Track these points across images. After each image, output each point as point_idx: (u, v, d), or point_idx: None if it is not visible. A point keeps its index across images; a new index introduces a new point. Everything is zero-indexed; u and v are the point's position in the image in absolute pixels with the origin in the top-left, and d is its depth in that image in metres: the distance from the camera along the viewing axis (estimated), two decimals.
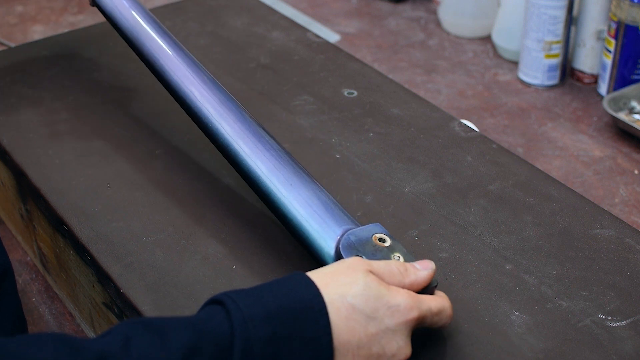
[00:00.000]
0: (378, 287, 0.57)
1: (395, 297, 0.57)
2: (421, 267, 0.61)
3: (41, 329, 0.87)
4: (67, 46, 1.06)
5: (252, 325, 0.53)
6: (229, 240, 0.74)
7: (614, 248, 0.73)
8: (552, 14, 1.19)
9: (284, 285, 0.57)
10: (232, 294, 0.56)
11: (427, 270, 0.61)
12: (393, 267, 0.60)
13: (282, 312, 0.54)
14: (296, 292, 0.56)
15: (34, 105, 0.94)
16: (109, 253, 0.73)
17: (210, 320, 0.54)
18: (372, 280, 0.57)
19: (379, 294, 0.57)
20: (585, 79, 1.26)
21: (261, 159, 0.71)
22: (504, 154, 0.85)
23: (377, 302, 0.57)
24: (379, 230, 0.66)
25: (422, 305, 0.58)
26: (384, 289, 0.57)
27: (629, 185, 1.05)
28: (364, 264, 0.59)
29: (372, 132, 0.89)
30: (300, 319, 0.55)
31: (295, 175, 0.70)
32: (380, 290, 0.57)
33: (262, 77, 0.99)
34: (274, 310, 0.54)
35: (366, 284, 0.57)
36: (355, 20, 1.48)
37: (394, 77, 1.26)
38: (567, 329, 0.65)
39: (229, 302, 0.55)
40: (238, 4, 1.17)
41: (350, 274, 0.58)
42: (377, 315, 0.56)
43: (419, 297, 0.59)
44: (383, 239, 0.65)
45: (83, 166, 0.84)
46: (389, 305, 0.57)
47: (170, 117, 0.92)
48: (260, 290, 0.57)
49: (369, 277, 0.58)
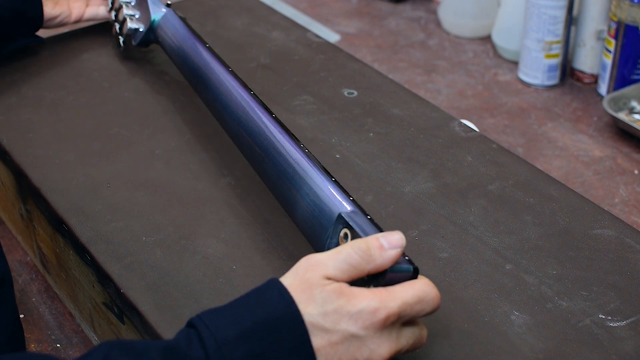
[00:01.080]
0: (336, 299, 0.55)
1: (355, 304, 0.55)
2: (388, 245, 0.56)
3: (41, 329, 0.87)
4: (67, 46, 1.06)
5: (226, 349, 0.53)
6: (229, 240, 0.74)
7: (614, 248, 0.73)
8: (552, 14, 1.19)
9: (258, 297, 0.56)
10: (206, 316, 0.55)
11: (394, 250, 0.56)
12: (353, 256, 0.56)
13: (256, 328, 0.54)
14: (270, 304, 0.55)
15: (34, 105, 0.94)
16: (109, 253, 0.73)
17: (186, 346, 0.54)
18: (328, 293, 0.55)
19: (337, 306, 0.55)
20: (585, 79, 1.26)
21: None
22: (504, 154, 0.85)
23: (336, 315, 0.55)
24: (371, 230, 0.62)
25: (391, 302, 0.55)
26: (342, 300, 0.55)
27: (629, 185, 1.05)
28: (319, 271, 0.56)
29: (372, 132, 0.89)
30: (277, 332, 0.54)
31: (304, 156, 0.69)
32: (339, 302, 0.55)
33: (262, 77, 0.99)
34: (247, 327, 0.53)
35: (323, 299, 0.55)
36: (355, 20, 1.48)
37: (394, 77, 1.26)
38: (567, 329, 0.65)
39: (201, 327, 0.54)
40: (238, 4, 1.17)
41: (305, 290, 0.55)
42: (339, 327, 0.54)
43: (387, 294, 0.55)
44: (346, 234, 0.62)
45: (83, 166, 0.84)
46: (350, 314, 0.55)
47: (171, 117, 0.92)
48: (234, 306, 0.55)
49: (325, 289, 0.55)
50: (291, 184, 0.68)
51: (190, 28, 0.92)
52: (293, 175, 0.68)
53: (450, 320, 0.65)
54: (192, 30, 0.91)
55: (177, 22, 0.93)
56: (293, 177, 0.68)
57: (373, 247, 0.56)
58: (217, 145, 0.86)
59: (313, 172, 0.67)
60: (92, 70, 1.01)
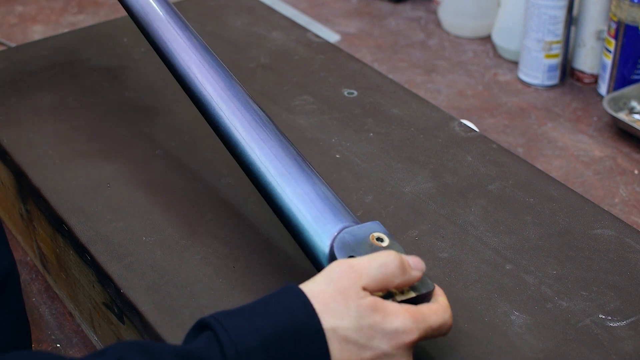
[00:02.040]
0: (372, 315, 0.54)
1: (392, 322, 0.54)
2: (415, 267, 0.57)
3: (41, 329, 0.87)
4: (67, 46, 1.06)
5: (247, 359, 0.52)
6: (229, 240, 0.74)
7: (614, 248, 0.73)
8: (552, 14, 1.19)
9: (278, 305, 0.54)
10: (224, 319, 0.54)
11: (419, 272, 0.57)
12: (389, 266, 0.56)
13: (277, 338, 0.52)
14: (291, 315, 0.53)
15: (34, 105, 0.94)
16: (109, 253, 0.73)
17: (204, 352, 0.52)
18: (365, 308, 0.54)
19: (373, 322, 0.54)
20: (585, 79, 1.26)
21: (260, 146, 0.68)
22: (504, 154, 0.85)
23: (371, 331, 0.54)
24: (378, 228, 0.62)
25: (421, 325, 0.55)
26: (379, 316, 0.54)
27: (629, 185, 1.05)
28: (354, 279, 0.55)
29: (372, 132, 0.89)
30: (297, 343, 0.53)
31: (296, 167, 0.67)
32: (375, 318, 0.54)
33: (262, 77, 0.99)
34: (269, 336, 0.52)
35: (359, 314, 0.54)
36: (355, 20, 1.48)
37: (394, 77, 1.26)
38: (567, 329, 0.65)
39: (220, 331, 0.53)
40: (238, 4, 1.17)
41: (341, 302, 0.54)
42: (372, 344, 0.54)
43: (419, 316, 0.56)
44: (381, 239, 0.62)
45: (83, 166, 0.84)
46: (385, 332, 0.54)
47: (170, 117, 0.92)
48: (253, 311, 0.54)
49: (362, 304, 0.54)
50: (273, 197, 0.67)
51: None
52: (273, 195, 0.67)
53: None
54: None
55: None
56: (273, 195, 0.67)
57: (407, 262, 0.57)
58: (217, 145, 0.86)
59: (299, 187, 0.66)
60: (92, 70, 1.01)
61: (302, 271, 0.70)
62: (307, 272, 0.70)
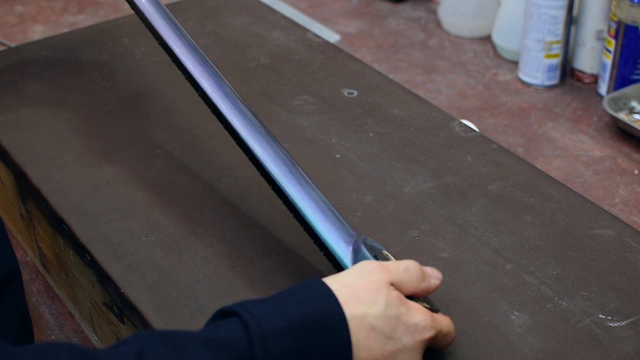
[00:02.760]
0: (398, 306, 0.57)
1: (414, 316, 0.57)
2: (433, 276, 0.61)
3: (41, 329, 0.87)
4: (67, 46, 1.06)
5: (273, 340, 0.52)
6: (229, 240, 0.74)
7: (614, 248, 0.73)
8: (552, 14, 1.19)
9: (303, 294, 0.56)
10: (249, 305, 0.55)
11: (438, 280, 0.61)
12: (413, 271, 0.60)
13: (303, 324, 0.53)
14: (317, 303, 0.55)
15: (34, 105, 0.94)
16: (109, 253, 0.73)
17: (228, 335, 0.53)
18: (393, 298, 0.57)
19: (398, 313, 0.57)
20: (585, 79, 1.26)
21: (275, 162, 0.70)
22: (504, 154, 0.85)
23: (396, 322, 0.56)
24: (385, 249, 0.66)
25: (436, 325, 0.59)
26: (403, 308, 0.57)
27: (629, 185, 1.04)
28: (385, 275, 0.58)
29: (372, 132, 0.89)
30: (321, 332, 0.54)
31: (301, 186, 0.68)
32: (400, 309, 0.57)
33: (262, 77, 0.99)
34: (294, 322, 0.53)
35: (387, 303, 0.56)
36: (355, 20, 1.48)
37: (394, 77, 1.26)
38: (567, 329, 0.65)
39: (247, 316, 0.53)
40: (238, 4, 1.17)
41: (372, 291, 0.57)
42: (395, 335, 0.56)
43: (435, 317, 0.59)
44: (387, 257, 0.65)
45: (83, 166, 0.84)
46: (407, 324, 0.57)
47: (170, 117, 0.92)
48: (278, 300, 0.55)
49: (391, 294, 0.57)
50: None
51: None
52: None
53: None
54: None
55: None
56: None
57: (427, 271, 0.61)
58: (217, 145, 0.86)
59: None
60: (92, 70, 1.01)
61: (302, 271, 0.70)
62: (307, 272, 0.70)
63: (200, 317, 0.66)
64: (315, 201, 0.66)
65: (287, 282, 0.69)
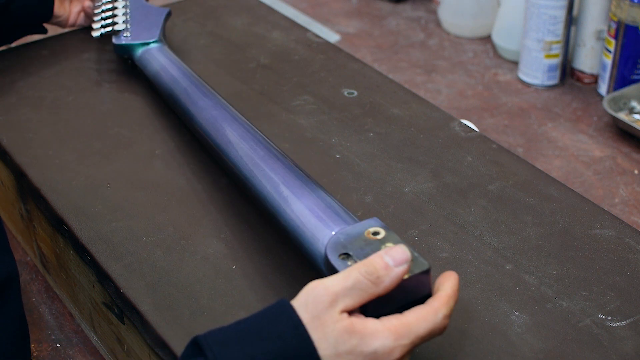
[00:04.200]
0: (349, 339, 0.52)
1: (370, 344, 0.52)
2: (393, 262, 0.54)
3: (41, 329, 0.87)
4: (67, 46, 1.06)
5: None
6: (229, 240, 0.74)
7: (614, 248, 0.73)
8: (552, 14, 1.19)
9: (270, 326, 0.53)
10: (215, 342, 0.53)
11: (401, 266, 0.54)
12: (362, 281, 0.54)
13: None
14: (285, 339, 0.52)
15: (34, 105, 0.94)
16: (109, 253, 0.73)
17: None
18: (340, 333, 0.52)
19: (350, 347, 0.52)
20: (585, 79, 1.26)
21: (256, 154, 0.71)
22: (504, 154, 0.85)
23: (350, 356, 0.52)
24: (374, 224, 0.61)
25: (405, 340, 0.53)
26: (355, 339, 0.52)
27: (629, 185, 1.05)
28: (329, 302, 0.53)
29: (372, 132, 0.89)
30: None
31: (293, 177, 0.68)
32: (352, 342, 0.52)
33: (262, 77, 0.99)
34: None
35: (335, 340, 0.52)
36: (355, 20, 1.48)
37: (394, 77, 1.26)
38: (567, 329, 0.65)
39: (210, 356, 0.52)
40: (238, 4, 1.17)
41: (318, 328, 0.53)
42: None
43: (402, 331, 0.53)
44: (377, 232, 0.60)
45: (83, 166, 0.84)
46: (364, 354, 0.52)
47: (170, 117, 0.92)
48: (246, 334, 0.53)
49: (338, 328, 0.53)
50: (272, 210, 0.68)
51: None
52: (272, 201, 0.68)
53: (450, 320, 0.65)
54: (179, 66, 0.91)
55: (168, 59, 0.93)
56: (272, 202, 0.68)
57: (380, 268, 0.54)
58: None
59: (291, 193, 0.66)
60: (92, 70, 1.01)
61: (302, 271, 0.70)
62: (307, 272, 0.70)
63: (201, 317, 0.66)
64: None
65: (287, 282, 0.69)
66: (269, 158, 0.71)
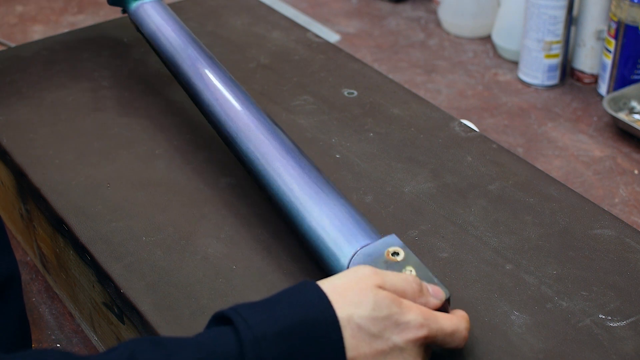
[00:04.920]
0: (388, 305, 0.56)
1: (405, 314, 0.56)
2: (433, 295, 0.60)
3: (41, 329, 0.87)
4: (67, 46, 1.06)
5: (265, 344, 0.52)
6: (229, 240, 0.74)
7: (614, 248, 0.73)
8: (552, 14, 1.19)
9: (295, 297, 0.56)
10: (242, 309, 0.55)
11: (437, 300, 0.60)
12: (409, 283, 0.59)
13: (294, 328, 0.53)
14: (309, 306, 0.55)
15: (34, 105, 0.94)
16: (109, 253, 0.73)
17: (218, 340, 0.53)
18: (382, 298, 0.56)
19: (388, 313, 0.56)
20: (585, 79, 1.26)
21: (283, 165, 0.70)
22: (504, 154, 0.85)
23: (385, 321, 0.55)
24: (393, 242, 0.64)
25: (433, 324, 0.57)
26: (395, 306, 0.56)
27: (629, 185, 1.05)
28: (375, 278, 0.57)
29: (372, 132, 0.89)
30: (313, 335, 0.54)
31: (314, 187, 0.68)
32: (391, 308, 0.56)
33: (262, 77, 0.99)
34: (286, 326, 0.53)
35: (375, 303, 0.56)
36: (355, 20, 1.48)
37: (394, 77, 1.26)
38: (567, 329, 0.65)
39: (238, 320, 0.54)
40: (238, 4, 1.17)
41: (359, 292, 0.56)
42: (384, 334, 0.55)
43: (432, 315, 0.58)
44: (396, 252, 0.63)
45: (83, 166, 0.84)
46: (397, 323, 0.56)
47: (170, 117, 0.92)
48: (271, 304, 0.55)
49: (379, 294, 0.56)
50: (289, 211, 0.69)
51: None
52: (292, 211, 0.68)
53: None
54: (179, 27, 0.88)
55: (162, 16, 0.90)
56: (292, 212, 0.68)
57: (426, 288, 0.60)
58: (217, 145, 0.86)
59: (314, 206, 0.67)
60: (92, 70, 1.01)
61: (302, 271, 0.70)
62: (307, 272, 0.70)
63: (201, 317, 0.66)
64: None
65: (287, 282, 0.69)
66: (286, 154, 0.71)
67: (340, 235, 0.65)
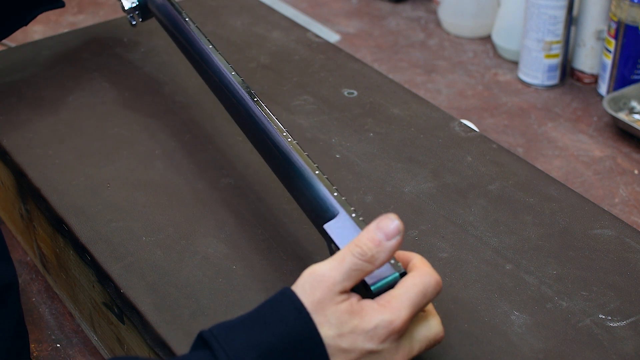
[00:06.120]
0: (350, 319, 0.55)
1: (370, 321, 0.55)
2: (385, 237, 0.56)
3: (41, 329, 0.87)
4: (67, 46, 1.06)
5: None
6: (229, 240, 0.74)
7: (614, 248, 0.73)
8: (552, 14, 1.19)
9: (273, 313, 0.55)
10: (219, 333, 0.54)
11: (393, 240, 0.56)
12: (356, 262, 0.55)
13: (275, 351, 0.53)
14: (288, 323, 0.54)
15: (34, 105, 0.94)
16: (109, 253, 0.73)
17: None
18: (342, 314, 0.55)
19: (352, 327, 0.55)
20: (585, 79, 1.26)
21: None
22: (504, 154, 0.85)
23: (353, 335, 0.55)
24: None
25: (402, 312, 0.55)
26: (356, 319, 0.55)
27: (629, 185, 1.05)
28: (328, 286, 0.55)
29: (372, 132, 0.89)
30: (295, 352, 0.53)
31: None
32: (353, 322, 0.55)
33: (262, 77, 0.99)
34: (266, 350, 0.53)
35: (337, 320, 0.54)
36: (355, 20, 1.48)
37: (394, 77, 1.26)
38: (567, 329, 0.65)
39: (216, 347, 0.53)
40: (238, 4, 1.17)
41: (320, 312, 0.55)
42: (356, 346, 0.55)
43: (396, 302, 0.55)
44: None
45: (83, 166, 0.84)
46: (366, 332, 0.55)
47: (170, 117, 0.92)
48: (249, 322, 0.54)
49: (338, 310, 0.55)
50: (285, 180, 0.68)
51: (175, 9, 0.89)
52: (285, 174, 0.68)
53: (450, 320, 0.65)
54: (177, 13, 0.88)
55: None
56: (285, 175, 0.68)
57: (370, 247, 0.56)
58: (217, 145, 0.86)
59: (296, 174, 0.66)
60: (92, 70, 1.01)
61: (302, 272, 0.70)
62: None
63: (201, 317, 0.66)
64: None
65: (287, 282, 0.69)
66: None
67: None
